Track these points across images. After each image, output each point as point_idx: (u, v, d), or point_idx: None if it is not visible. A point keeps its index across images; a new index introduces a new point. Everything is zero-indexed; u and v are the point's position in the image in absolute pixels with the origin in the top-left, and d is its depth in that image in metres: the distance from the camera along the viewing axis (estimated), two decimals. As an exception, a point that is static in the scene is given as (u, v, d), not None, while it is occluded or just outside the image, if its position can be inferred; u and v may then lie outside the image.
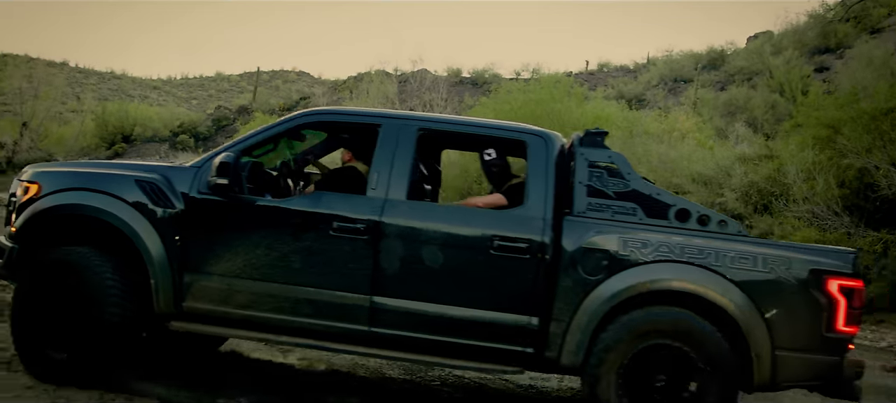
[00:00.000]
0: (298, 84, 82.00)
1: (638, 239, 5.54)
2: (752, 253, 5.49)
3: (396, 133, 5.98)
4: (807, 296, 5.41)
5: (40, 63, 68.77)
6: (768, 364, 5.36)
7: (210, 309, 5.83)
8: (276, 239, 5.80)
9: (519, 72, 44.16)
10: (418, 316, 5.60)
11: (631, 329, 5.38)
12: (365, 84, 41.05)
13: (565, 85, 23.05)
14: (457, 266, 5.64)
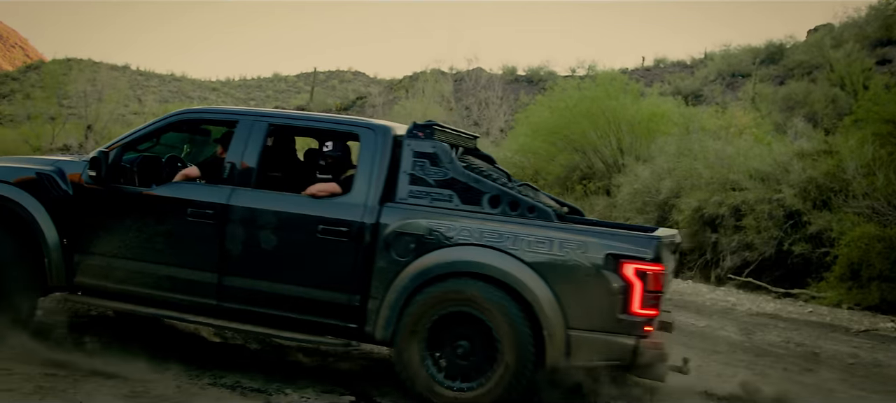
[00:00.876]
0: (354, 84, 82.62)
1: (443, 225, 5.96)
2: (550, 237, 5.79)
3: (249, 127, 6.56)
4: (601, 279, 5.63)
5: (104, 67, 70.40)
6: (561, 342, 5.64)
7: (94, 284, 6.61)
8: (143, 223, 6.54)
9: (574, 69, 44.02)
10: (258, 293, 6.23)
11: (427, 300, 5.83)
12: (420, 83, 41.26)
13: (620, 82, 22.99)
14: (289, 248, 6.21)
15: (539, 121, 23.11)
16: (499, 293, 5.74)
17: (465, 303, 5.77)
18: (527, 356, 5.62)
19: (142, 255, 6.48)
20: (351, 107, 49.93)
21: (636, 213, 17.99)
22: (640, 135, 21.21)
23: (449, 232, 5.93)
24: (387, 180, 6.21)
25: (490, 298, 5.73)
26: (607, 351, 5.67)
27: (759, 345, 9.84)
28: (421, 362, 5.79)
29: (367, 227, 6.05)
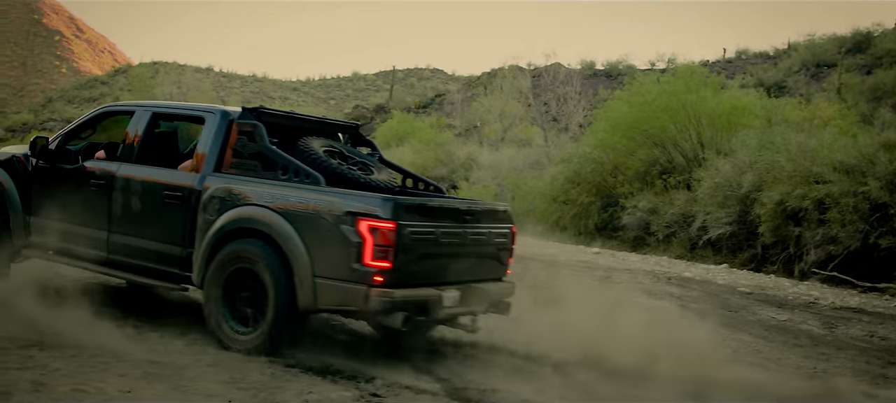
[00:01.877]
0: (433, 81, 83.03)
1: (238, 189, 7.00)
2: (307, 197, 6.67)
3: (139, 116, 8.03)
4: (340, 233, 6.37)
5: (189, 69, 72.23)
6: (309, 288, 6.41)
7: (39, 241, 8.13)
8: (65, 192, 8.05)
9: (654, 62, 43.62)
10: (130, 247, 7.56)
11: (224, 256, 6.84)
12: (498, 79, 41.35)
13: (700, 75, 22.73)
14: (147, 210, 7.54)
15: (618, 116, 23.01)
16: (265, 246, 6.66)
17: (245, 260, 6.73)
18: (285, 301, 6.48)
19: (66, 217, 7.90)
20: (429, 104, 50.30)
21: (717, 208, 17.83)
22: (721, 129, 20.98)
23: (240, 195, 6.96)
24: (219, 154, 7.34)
25: (259, 251, 6.66)
26: (344, 298, 6.38)
27: (841, 339, 9.76)
28: (217, 307, 6.78)
29: (193, 192, 7.20)
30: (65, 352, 5.80)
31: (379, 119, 47.67)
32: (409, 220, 6.46)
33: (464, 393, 5.84)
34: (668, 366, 6.88)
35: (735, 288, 13.61)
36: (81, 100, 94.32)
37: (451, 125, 41.40)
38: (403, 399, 5.49)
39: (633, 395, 6.22)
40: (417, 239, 6.54)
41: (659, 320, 9.88)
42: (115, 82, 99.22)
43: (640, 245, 20.13)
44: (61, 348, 5.94)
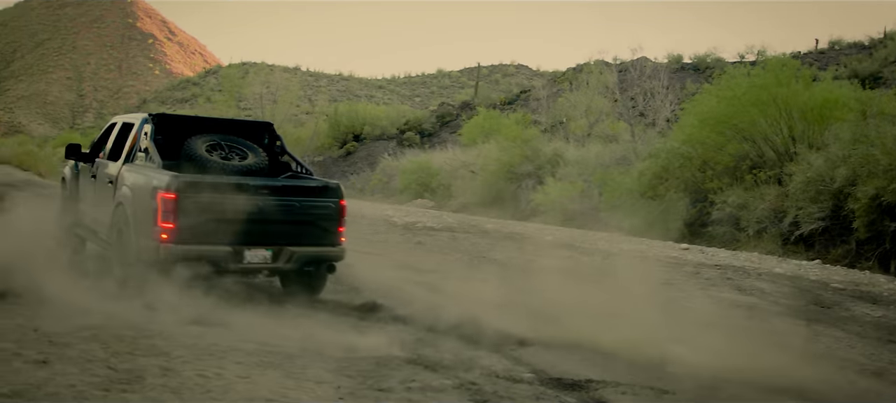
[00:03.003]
0: (517, 77, 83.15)
1: (124, 174, 9.31)
2: (140, 178, 8.87)
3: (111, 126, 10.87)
4: (149, 203, 8.21)
5: (278, 70, 73.57)
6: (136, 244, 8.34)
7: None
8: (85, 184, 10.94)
9: (743, 55, 42.93)
10: (95, 220, 10.11)
11: (115, 220, 9.09)
12: (584, 75, 41.20)
13: (791, 67, 22.37)
14: (101, 193, 9.88)
15: (707, 110, 22.79)
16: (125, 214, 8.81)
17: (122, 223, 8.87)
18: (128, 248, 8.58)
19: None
20: (515, 100, 50.37)
21: (809, 203, 17.59)
22: (813, 122, 20.63)
23: (124, 178, 9.22)
24: (129, 149, 9.62)
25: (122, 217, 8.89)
26: (148, 252, 8.09)
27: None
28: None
29: (114, 178, 9.46)
30: (184, 341, 6.19)
31: (465, 115, 47.94)
32: (191, 193, 8.12)
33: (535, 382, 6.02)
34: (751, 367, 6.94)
35: (828, 284, 13.46)
36: (174, 101, 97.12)
37: (537, 121, 41.40)
38: (499, 387, 5.70)
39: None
40: (200, 207, 8.11)
41: (746, 316, 9.92)
42: (205, 83, 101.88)
43: (730, 241, 19.96)
44: (178, 337, 6.34)
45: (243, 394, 4.91)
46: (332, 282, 10.57)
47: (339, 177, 45.64)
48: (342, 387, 5.33)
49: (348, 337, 6.98)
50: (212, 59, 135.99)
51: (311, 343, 6.61)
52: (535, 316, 8.42)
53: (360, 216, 25.01)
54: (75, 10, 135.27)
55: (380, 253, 15.49)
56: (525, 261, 15.19)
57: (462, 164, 36.05)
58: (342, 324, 7.63)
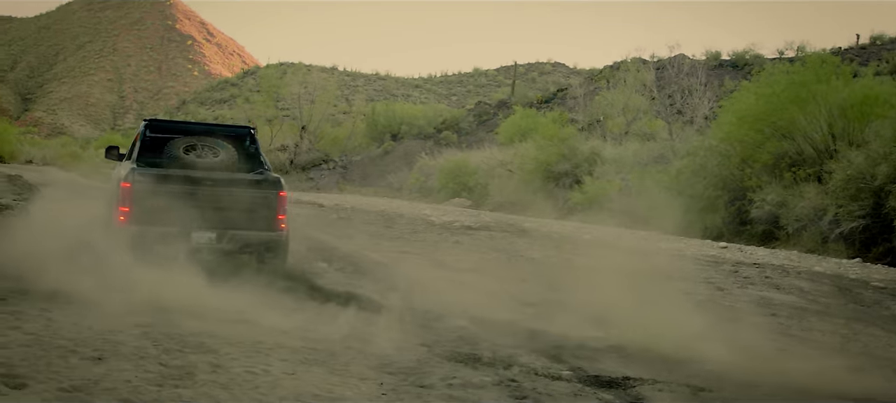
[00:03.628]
0: (554, 75, 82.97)
1: (121, 171, 10.49)
2: (117, 172, 10.82)
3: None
4: (116, 191, 10.07)
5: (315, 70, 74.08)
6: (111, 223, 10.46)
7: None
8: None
9: (782, 51, 42.59)
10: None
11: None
12: (621, 73, 41.11)
13: (831, 64, 22.19)
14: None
15: (745, 108, 22.70)
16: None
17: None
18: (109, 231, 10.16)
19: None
20: (552, 99, 50.35)
21: (850, 201, 17.48)
22: (854, 119, 20.48)
23: (119, 174, 10.41)
24: (139, 150, 10.84)
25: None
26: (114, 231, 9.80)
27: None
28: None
29: (127, 175, 9.76)
30: (230, 339, 6.37)
31: (501, 114, 48.00)
32: (144, 183, 9.57)
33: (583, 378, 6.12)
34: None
35: (868, 283, 13.40)
36: (213, 102, 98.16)
37: (574, 120, 41.39)
38: (538, 384, 5.81)
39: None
40: (151, 195, 9.46)
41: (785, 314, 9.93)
42: (244, 83, 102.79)
43: (769, 239, 19.88)
44: (225, 335, 6.52)
45: (291, 390, 5.06)
46: (371, 281, 10.77)
47: (376, 176, 45.94)
48: (385, 383, 5.47)
49: (388, 335, 7.13)
50: (249, 60, 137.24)
51: (352, 340, 6.77)
52: (574, 314, 8.51)
53: (398, 215, 25.20)
54: (116, 13, 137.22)
55: (418, 252, 15.64)
56: (563, 260, 15.27)
57: (499, 163, 36.17)
58: (381, 322, 7.77)
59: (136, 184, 9.61)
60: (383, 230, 20.50)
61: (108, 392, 4.62)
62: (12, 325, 6.08)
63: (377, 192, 41.13)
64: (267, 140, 53.23)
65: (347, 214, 25.59)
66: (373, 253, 14.61)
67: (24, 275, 8.24)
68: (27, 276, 8.20)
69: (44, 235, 11.22)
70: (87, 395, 4.55)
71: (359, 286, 10.23)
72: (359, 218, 23.86)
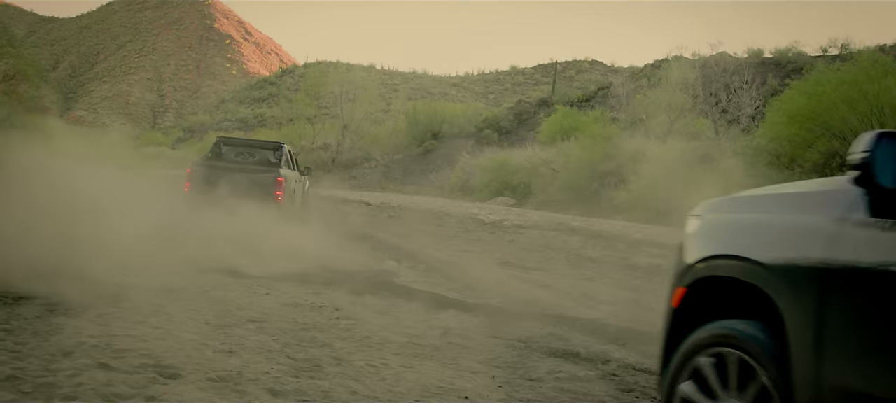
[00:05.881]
0: (592, 73, 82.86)
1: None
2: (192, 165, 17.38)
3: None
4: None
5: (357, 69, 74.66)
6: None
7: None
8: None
9: (825, 49, 42.35)
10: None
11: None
12: (663, 71, 41.08)
13: (883, 63, 22.26)
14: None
15: (794, 107, 22.82)
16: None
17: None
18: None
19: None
20: (592, 97, 50.45)
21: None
22: (906, 119, 20.56)
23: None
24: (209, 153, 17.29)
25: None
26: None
27: None
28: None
29: (190, 165, 16.62)
30: (340, 334, 6.75)
31: (542, 113, 48.18)
32: (196, 170, 16.34)
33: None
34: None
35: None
36: (252, 101, 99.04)
37: (616, 118, 41.46)
38: (639, 379, 6.11)
39: None
40: (204, 178, 15.85)
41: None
42: (282, 82, 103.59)
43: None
44: (333, 329, 6.90)
45: (415, 383, 5.40)
46: (445, 279, 11.13)
47: (418, 174, 46.31)
48: (496, 377, 5.80)
49: (483, 331, 7.47)
50: (287, 59, 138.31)
51: (451, 337, 7.11)
52: (650, 312, 8.78)
53: (446, 214, 25.52)
54: (155, 13, 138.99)
55: (479, 250, 16.00)
56: (621, 258, 15.53)
57: (542, 162, 36.35)
58: (471, 319, 8.10)
59: (192, 169, 16.63)
60: (436, 228, 20.87)
61: (254, 383, 4.98)
62: (138, 320, 6.47)
63: (419, 190, 41.48)
64: (309, 139, 53.80)
65: (397, 213, 26.01)
66: (436, 252, 14.98)
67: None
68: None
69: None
70: (236, 384, 4.91)
71: (436, 284, 10.60)
72: (409, 217, 24.24)
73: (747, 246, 3.55)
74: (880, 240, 2.94)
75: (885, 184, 2.97)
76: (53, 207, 11.72)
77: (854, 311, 2.96)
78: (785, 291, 3.22)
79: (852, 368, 2.90)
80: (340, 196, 32.20)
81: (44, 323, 6.05)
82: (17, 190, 12.64)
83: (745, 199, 4.01)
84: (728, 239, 3.81)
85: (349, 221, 21.25)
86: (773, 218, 3.58)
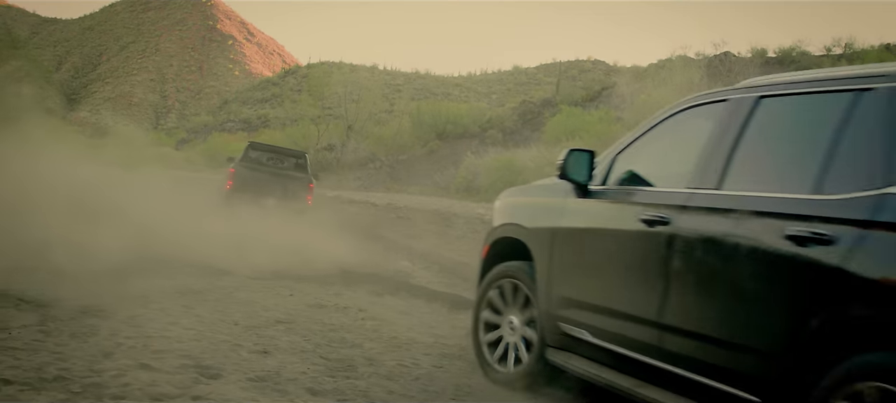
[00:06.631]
0: (594, 73, 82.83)
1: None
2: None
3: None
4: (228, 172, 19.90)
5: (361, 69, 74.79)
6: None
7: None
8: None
9: (829, 48, 42.42)
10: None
11: None
12: (666, 71, 41.20)
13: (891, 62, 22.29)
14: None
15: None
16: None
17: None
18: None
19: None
20: (596, 97, 50.51)
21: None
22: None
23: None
24: (242, 157, 19.73)
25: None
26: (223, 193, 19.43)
27: None
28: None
29: (233, 166, 19.26)
30: (367, 335, 6.87)
31: (547, 113, 48.23)
32: (239, 170, 18.57)
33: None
34: None
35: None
36: (254, 101, 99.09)
37: (620, 118, 41.54)
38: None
39: None
40: (244, 177, 18.27)
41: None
42: (285, 83, 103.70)
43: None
44: (359, 329, 7.02)
45: (448, 382, 5.52)
46: (461, 280, 11.24)
47: (423, 175, 46.38)
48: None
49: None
50: (290, 59, 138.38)
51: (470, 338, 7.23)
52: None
53: (453, 214, 25.57)
54: (158, 14, 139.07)
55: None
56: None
57: (548, 162, 36.44)
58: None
59: (236, 169, 18.71)
60: (445, 229, 20.96)
61: (293, 383, 5.10)
62: (170, 321, 6.59)
63: (423, 191, 41.52)
64: (314, 140, 53.91)
65: (404, 214, 26.07)
66: (448, 252, 15.12)
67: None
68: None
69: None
70: (276, 384, 5.03)
71: (453, 285, 10.73)
72: (417, 218, 24.32)
73: (520, 217, 5.99)
74: (578, 211, 5.28)
75: (574, 179, 5.25)
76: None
77: (566, 253, 5.31)
78: (535, 243, 5.61)
79: (565, 284, 5.22)
80: (346, 197, 32.30)
81: (79, 324, 6.15)
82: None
83: (524, 188, 6.67)
84: (511, 213, 6.16)
85: (358, 222, 21.35)
86: (534, 200, 6.05)
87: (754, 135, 4.28)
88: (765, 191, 3.98)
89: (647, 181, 4.96)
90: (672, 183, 4.62)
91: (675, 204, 4.41)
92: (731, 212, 4.06)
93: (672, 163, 4.91)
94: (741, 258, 3.95)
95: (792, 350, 3.56)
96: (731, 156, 4.29)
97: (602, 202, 5.10)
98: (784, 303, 3.68)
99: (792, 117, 4.22)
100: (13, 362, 4.89)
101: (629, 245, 4.70)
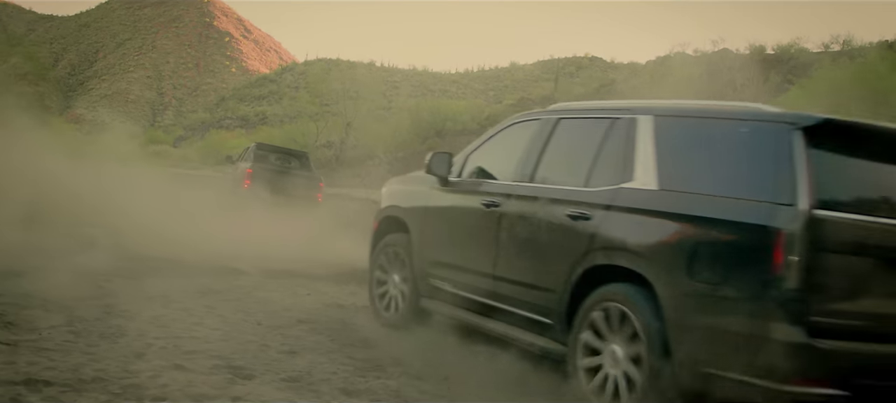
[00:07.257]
0: (591, 70, 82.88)
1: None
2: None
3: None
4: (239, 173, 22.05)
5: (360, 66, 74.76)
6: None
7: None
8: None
9: (827, 45, 42.43)
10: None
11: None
12: (665, 68, 41.26)
13: (891, 61, 22.40)
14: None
15: (799, 106, 22.93)
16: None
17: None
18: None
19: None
20: (595, 94, 50.56)
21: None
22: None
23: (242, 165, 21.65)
24: (253, 157, 21.01)
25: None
26: (241, 190, 20.51)
27: None
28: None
29: (251, 165, 20.78)
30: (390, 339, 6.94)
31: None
32: (256, 169, 19.98)
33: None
34: None
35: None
36: (252, 98, 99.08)
37: (620, 115, 41.59)
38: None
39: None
40: (260, 176, 19.55)
41: None
42: (282, 80, 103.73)
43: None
44: (382, 333, 7.09)
45: (479, 381, 5.60)
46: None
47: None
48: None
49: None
50: (286, 56, 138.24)
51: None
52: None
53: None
54: (154, 11, 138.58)
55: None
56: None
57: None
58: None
59: (253, 169, 19.97)
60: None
61: (325, 383, 5.17)
62: (195, 321, 6.65)
63: (423, 188, 41.58)
64: (313, 137, 53.89)
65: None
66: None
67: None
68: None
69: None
70: (309, 384, 5.09)
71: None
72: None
73: (400, 200, 7.67)
74: (440, 197, 6.99)
75: (437, 173, 6.94)
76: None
77: (432, 227, 7.06)
78: (410, 220, 7.32)
79: (432, 249, 6.96)
80: (346, 194, 32.31)
81: (105, 324, 6.21)
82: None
83: (402, 178, 8.33)
84: (393, 197, 7.81)
85: (362, 220, 21.36)
86: (410, 188, 7.64)
87: (554, 146, 6.06)
88: (557, 184, 5.81)
89: (489, 175, 6.65)
90: (503, 177, 6.41)
91: (504, 193, 6.21)
92: (537, 199, 5.87)
93: (505, 163, 6.48)
94: (542, 229, 5.76)
95: (568, 286, 5.34)
96: (539, 160, 6.07)
97: (457, 191, 6.89)
98: (564, 258, 5.40)
99: (577, 135, 5.94)
100: (48, 363, 4.95)
101: (474, 221, 6.42)
